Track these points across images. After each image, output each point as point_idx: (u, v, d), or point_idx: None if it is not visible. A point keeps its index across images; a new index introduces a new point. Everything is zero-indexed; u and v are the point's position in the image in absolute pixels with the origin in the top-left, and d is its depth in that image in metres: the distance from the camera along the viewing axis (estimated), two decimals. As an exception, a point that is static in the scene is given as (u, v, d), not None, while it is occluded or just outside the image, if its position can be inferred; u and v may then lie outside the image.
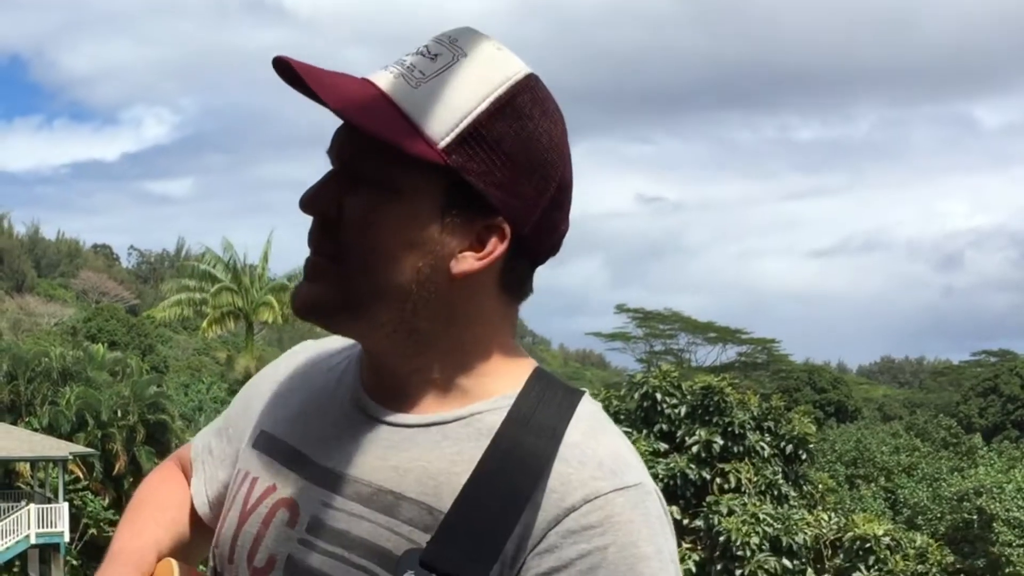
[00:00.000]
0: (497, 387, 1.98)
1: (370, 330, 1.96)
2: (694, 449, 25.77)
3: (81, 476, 57.58)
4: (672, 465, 25.52)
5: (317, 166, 2.02)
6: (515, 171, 1.90)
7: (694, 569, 24.72)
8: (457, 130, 1.87)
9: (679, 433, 26.19)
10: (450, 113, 1.87)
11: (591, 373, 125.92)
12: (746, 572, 24.38)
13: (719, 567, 24.63)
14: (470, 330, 1.97)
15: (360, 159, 1.91)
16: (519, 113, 1.90)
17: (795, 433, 26.57)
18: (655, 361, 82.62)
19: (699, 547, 25.16)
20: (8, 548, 48.51)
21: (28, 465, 57.21)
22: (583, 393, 2.01)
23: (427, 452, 1.93)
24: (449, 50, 1.90)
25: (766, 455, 26.15)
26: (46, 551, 50.18)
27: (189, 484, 2.35)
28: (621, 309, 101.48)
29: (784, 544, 24.63)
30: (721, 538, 24.50)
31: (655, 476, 25.15)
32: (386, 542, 1.88)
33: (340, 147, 1.94)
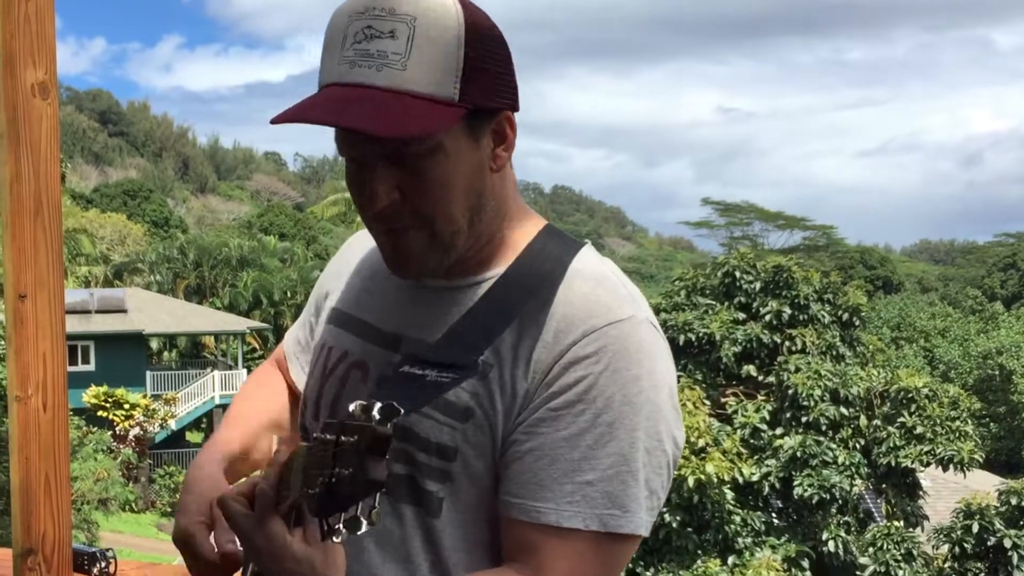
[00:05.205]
0: (521, 245, 1.99)
1: (453, 256, 1.93)
2: (767, 318, 25.64)
3: (257, 347, 58.33)
4: (749, 331, 25.45)
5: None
6: (500, 76, 1.87)
7: (768, 417, 24.73)
8: (458, 82, 1.80)
9: (754, 305, 26.06)
10: (445, 73, 1.80)
11: (682, 256, 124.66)
12: (810, 419, 24.33)
13: (788, 415, 24.60)
14: (504, 209, 1.97)
15: (400, 147, 1.83)
16: (479, 33, 1.83)
17: (850, 303, 26.35)
18: (734, 245, 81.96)
19: (771, 399, 25.14)
20: (196, 408, 49.10)
21: (212, 338, 58.02)
22: (587, 242, 2.02)
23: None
24: (399, 21, 1.80)
25: (826, 322, 26.00)
26: (228, 411, 50.79)
27: (285, 378, 2.41)
28: (706, 202, 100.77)
29: (841, 395, 24.55)
30: (790, 391, 24.44)
31: (735, 341, 25.31)
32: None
33: (370, 147, 1.85)
